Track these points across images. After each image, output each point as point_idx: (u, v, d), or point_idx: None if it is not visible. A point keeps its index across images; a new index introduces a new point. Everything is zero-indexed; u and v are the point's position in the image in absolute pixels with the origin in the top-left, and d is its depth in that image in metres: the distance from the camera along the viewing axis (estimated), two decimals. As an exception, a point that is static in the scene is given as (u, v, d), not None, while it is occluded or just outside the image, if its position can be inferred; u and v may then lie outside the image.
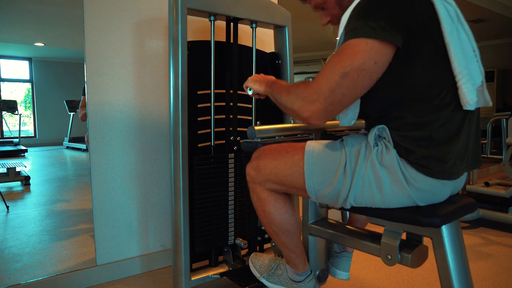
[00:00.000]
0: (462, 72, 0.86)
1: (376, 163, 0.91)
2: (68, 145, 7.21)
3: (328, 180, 0.97)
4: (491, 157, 4.59)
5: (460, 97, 0.88)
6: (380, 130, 0.93)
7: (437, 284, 1.73)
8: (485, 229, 2.59)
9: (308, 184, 1.00)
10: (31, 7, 4.52)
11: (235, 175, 1.64)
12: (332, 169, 0.96)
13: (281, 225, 1.14)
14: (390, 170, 0.90)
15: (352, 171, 0.94)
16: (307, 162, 1.00)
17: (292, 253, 1.19)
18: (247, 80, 1.20)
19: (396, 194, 0.91)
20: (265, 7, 1.66)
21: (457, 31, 0.88)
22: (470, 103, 0.87)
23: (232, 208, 1.65)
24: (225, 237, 1.64)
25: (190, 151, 1.50)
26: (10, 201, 3.35)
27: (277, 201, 1.12)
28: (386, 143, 0.92)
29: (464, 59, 0.87)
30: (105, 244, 1.81)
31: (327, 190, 0.98)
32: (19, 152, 6.16)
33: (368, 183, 0.92)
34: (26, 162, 5.70)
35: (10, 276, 1.81)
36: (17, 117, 6.56)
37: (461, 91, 0.87)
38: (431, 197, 0.93)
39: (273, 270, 1.31)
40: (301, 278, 1.23)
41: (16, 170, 4.02)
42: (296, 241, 1.18)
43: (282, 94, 0.97)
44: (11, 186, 3.98)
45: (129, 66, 1.83)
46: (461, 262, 0.94)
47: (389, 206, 0.94)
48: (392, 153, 0.90)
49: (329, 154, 0.98)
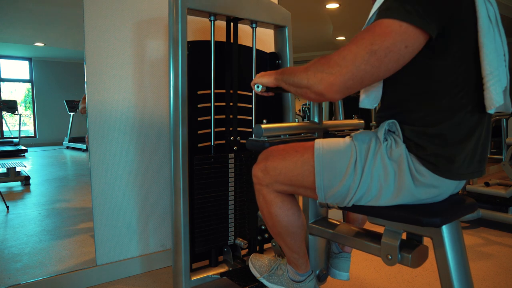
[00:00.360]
0: (493, 73, 0.85)
1: (385, 157, 0.91)
2: (68, 145, 7.21)
3: (339, 176, 0.95)
4: (491, 157, 4.59)
5: (486, 98, 0.87)
6: (390, 125, 0.93)
7: (437, 284, 1.73)
8: (485, 229, 2.59)
9: (318, 182, 0.98)
10: (31, 7, 4.52)
11: (235, 175, 1.64)
12: (343, 166, 0.95)
13: (287, 227, 1.12)
14: (398, 164, 0.90)
15: (362, 166, 0.92)
16: (317, 160, 0.98)
17: (295, 253, 1.19)
18: (255, 78, 1.17)
19: (399, 187, 0.91)
20: (265, 7, 1.66)
21: (493, 33, 0.86)
22: (496, 105, 0.86)
23: (232, 208, 1.65)
24: (225, 237, 1.64)
25: (190, 151, 1.50)
26: (10, 201, 3.35)
27: (284, 203, 1.11)
28: (396, 137, 0.92)
29: (496, 60, 0.86)
30: (105, 244, 1.81)
31: (337, 188, 0.96)
32: (19, 152, 6.16)
33: (377, 177, 0.92)
34: (26, 162, 5.70)
35: (10, 276, 1.81)
36: (17, 117, 6.56)
37: (488, 92, 0.86)
38: (434, 194, 0.93)
39: (273, 271, 1.31)
40: (302, 278, 1.23)
41: (16, 170, 4.02)
42: (300, 243, 1.17)
43: (297, 74, 0.93)
44: (11, 186, 3.98)
45: (129, 66, 1.82)
46: (461, 262, 0.94)
47: (392, 201, 0.94)
48: (401, 148, 0.90)
49: (339, 151, 0.97)
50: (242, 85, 1.70)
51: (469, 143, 0.90)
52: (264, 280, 1.31)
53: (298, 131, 1.24)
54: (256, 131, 1.16)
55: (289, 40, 1.78)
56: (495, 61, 0.86)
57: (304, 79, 0.90)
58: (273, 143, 1.14)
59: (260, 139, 1.15)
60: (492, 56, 0.85)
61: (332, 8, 4.78)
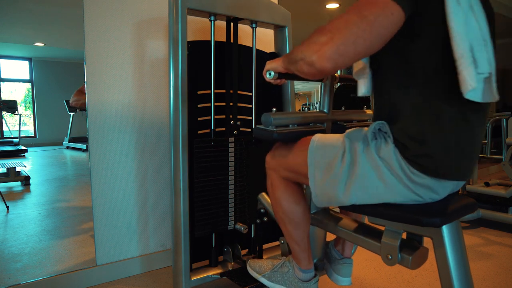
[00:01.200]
0: (464, 55, 0.83)
1: (375, 156, 0.92)
2: (68, 145, 7.21)
3: (326, 163, 1.00)
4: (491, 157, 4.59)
5: (460, 82, 0.84)
6: (380, 125, 0.94)
7: (437, 284, 1.73)
8: (485, 229, 2.59)
9: (309, 172, 1.04)
10: (31, 7, 4.52)
11: (235, 159, 1.64)
12: (330, 155, 1.00)
13: (288, 213, 1.19)
14: (388, 163, 0.91)
15: (350, 161, 0.95)
16: (309, 151, 1.05)
17: (296, 245, 1.22)
18: (265, 66, 1.15)
19: (398, 186, 0.92)
20: (265, 7, 1.66)
21: (464, 16, 0.85)
22: (469, 88, 0.83)
23: (232, 192, 1.65)
24: (225, 222, 1.64)
25: (190, 152, 1.50)
26: (10, 201, 3.35)
27: (287, 189, 1.19)
28: (386, 137, 0.92)
29: (468, 44, 0.84)
30: (105, 244, 1.81)
31: (325, 177, 1.00)
32: (19, 152, 6.15)
33: (369, 175, 0.93)
34: (26, 162, 5.70)
35: (10, 276, 1.81)
36: (17, 117, 6.55)
37: (462, 75, 0.83)
38: (428, 194, 0.93)
39: (277, 268, 1.30)
40: (306, 277, 1.23)
41: (16, 170, 4.02)
42: (301, 234, 1.21)
43: (294, 50, 0.94)
44: (11, 186, 3.98)
45: (129, 66, 1.82)
46: (461, 262, 0.93)
47: (394, 199, 0.94)
48: (390, 147, 0.91)
49: (330, 143, 1.02)
50: (242, 85, 1.70)
51: (451, 140, 0.88)
52: (265, 279, 1.30)
53: (305, 120, 1.24)
54: (264, 120, 1.14)
55: (289, 40, 1.78)
56: (466, 44, 0.84)
57: (299, 52, 0.91)
58: (281, 134, 1.13)
59: (269, 128, 1.14)
60: (463, 39, 0.84)
61: (332, 8, 4.78)
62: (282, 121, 1.17)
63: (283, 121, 1.17)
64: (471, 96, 0.85)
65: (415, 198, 0.93)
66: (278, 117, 1.15)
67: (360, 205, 0.98)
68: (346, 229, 1.13)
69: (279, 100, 1.83)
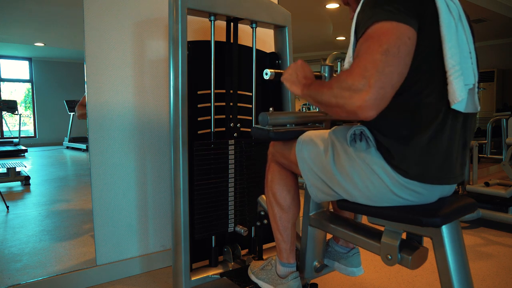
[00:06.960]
0: (455, 67, 0.85)
1: (355, 157, 0.94)
2: (68, 145, 7.21)
3: (312, 158, 1.07)
4: (491, 157, 4.59)
5: (449, 93, 0.87)
6: (360, 129, 0.94)
7: (437, 284, 1.73)
8: (485, 229, 2.59)
9: (299, 165, 1.10)
10: (31, 7, 4.52)
11: (235, 162, 1.64)
12: (315, 151, 1.06)
13: (277, 197, 1.24)
14: (369, 166, 0.92)
15: (332, 157, 1.00)
16: (297, 147, 1.12)
17: (279, 234, 1.25)
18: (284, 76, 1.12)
19: (381, 189, 0.93)
20: (265, 7, 1.67)
21: (456, 28, 0.87)
22: (459, 99, 0.86)
23: (232, 195, 1.65)
24: (225, 224, 1.64)
25: (190, 152, 1.50)
26: (10, 201, 3.35)
27: (280, 173, 1.25)
28: (369, 141, 0.94)
29: (458, 55, 0.87)
30: (105, 244, 1.81)
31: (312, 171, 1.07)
32: (19, 152, 6.16)
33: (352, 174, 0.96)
34: (26, 162, 5.70)
35: (10, 276, 1.81)
36: (17, 117, 6.56)
37: (451, 86, 0.86)
38: (416, 196, 0.94)
39: (264, 265, 1.33)
40: (284, 271, 1.24)
41: (16, 170, 4.02)
42: (285, 223, 1.24)
43: (323, 91, 0.89)
44: (11, 186, 3.98)
45: (129, 66, 1.82)
46: (461, 262, 0.93)
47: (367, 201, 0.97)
48: (372, 151, 0.92)
49: (315, 139, 1.08)
50: (242, 85, 1.70)
51: (439, 145, 0.89)
52: (253, 276, 1.34)
53: (303, 120, 1.24)
54: (261, 119, 1.15)
55: (289, 40, 1.78)
56: (457, 55, 0.86)
57: (331, 98, 0.85)
58: (277, 133, 1.14)
59: (265, 128, 1.16)
60: (455, 50, 0.86)
61: (332, 8, 4.78)
62: (279, 120, 1.17)
63: (280, 121, 1.18)
64: (456, 106, 0.88)
65: (400, 201, 0.94)
66: (275, 117, 1.16)
67: (360, 205, 0.98)
68: (345, 230, 1.12)
69: (279, 100, 1.83)
